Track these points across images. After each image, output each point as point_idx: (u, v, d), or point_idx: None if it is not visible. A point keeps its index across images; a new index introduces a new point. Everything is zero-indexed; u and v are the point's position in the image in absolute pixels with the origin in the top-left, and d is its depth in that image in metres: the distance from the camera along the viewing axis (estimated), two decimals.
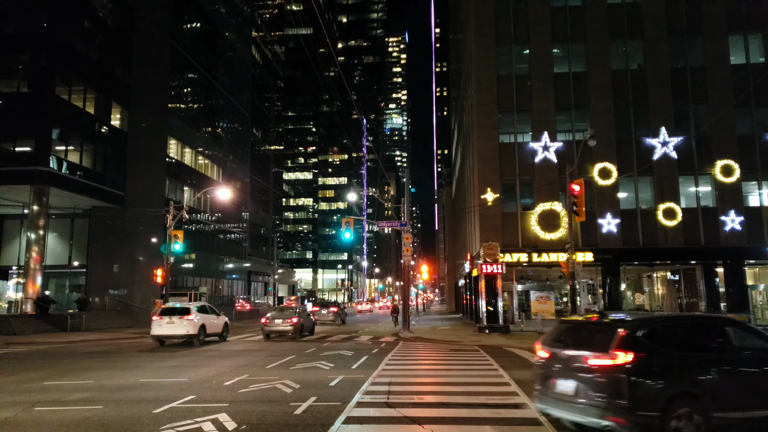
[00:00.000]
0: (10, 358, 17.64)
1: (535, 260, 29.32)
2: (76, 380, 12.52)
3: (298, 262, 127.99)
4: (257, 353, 18.43)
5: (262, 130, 71.88)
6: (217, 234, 52.56)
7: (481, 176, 30.90)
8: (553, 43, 31.54)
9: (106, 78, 37.75)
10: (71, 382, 12.31)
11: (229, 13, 56.76)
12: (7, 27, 33.25)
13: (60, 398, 10.34)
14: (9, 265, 37.34)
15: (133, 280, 38.55)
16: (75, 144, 34.85)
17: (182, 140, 45.18)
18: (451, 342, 23.01)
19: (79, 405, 9.71)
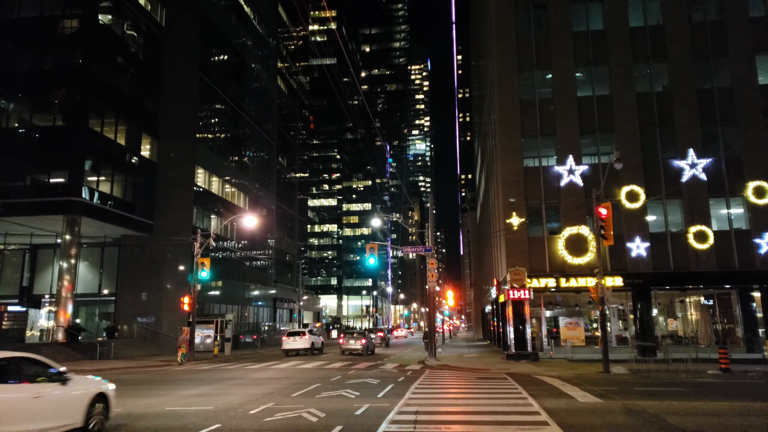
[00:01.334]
0: None
1: (563, 285, 28.81)
2: None
3: (323, 289, 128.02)
4: (282, 381, 18.35)
5: (287, 158, 72.91)
6: (243, 261, 53.03)
7: (506, 200, 30.70)
8: (576, 67, 31.51)
9: (136, 110, 38.91)
10: None
11: (256, 45, 58.25)
12: (45, 64, 34.68)
13: None
14: (42, 293, 38.15)
15: (161, 307, 38.98)
16: (106, 174, 35.80)
17: (209, 169, 46.05)
18: (478, 370, 22.59)
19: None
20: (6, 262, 39.28)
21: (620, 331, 30.10)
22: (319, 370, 22.51)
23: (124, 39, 38.00)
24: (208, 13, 46.06)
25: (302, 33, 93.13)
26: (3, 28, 34.41)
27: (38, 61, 34.68)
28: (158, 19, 41.60)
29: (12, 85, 34.07)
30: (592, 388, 16.01)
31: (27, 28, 34.36)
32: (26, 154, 33.26)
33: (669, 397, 14.17)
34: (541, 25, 32.42)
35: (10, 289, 38.63)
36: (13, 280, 38.93)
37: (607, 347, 21.87)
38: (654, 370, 21.18)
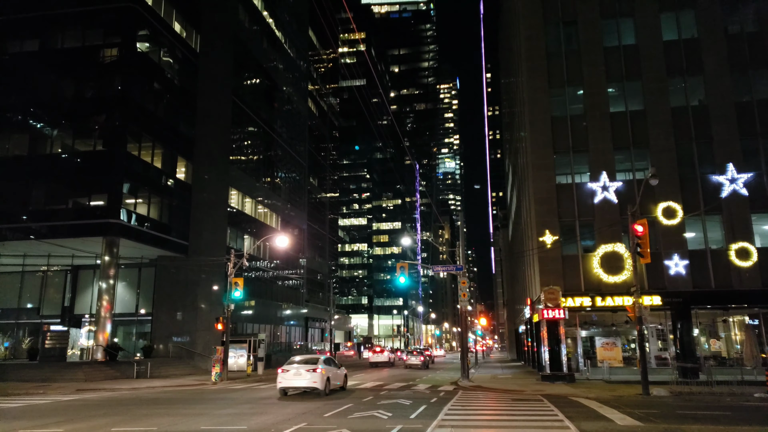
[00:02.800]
0: (82, 404, 18.27)
1: (599, 304, 28.16)
2: (141, 427, 12.80)
3: (354, 308, 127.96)
4: (315, 401, 18.33)
5: (318, 178, 73.72)
6: (275, 281, 53.51)
7: (539, 218, 30.34)
8: (608, 83, 31.18)
9: (172, 134, 40.02)
10: (137, 428, 12.59)
11: (287, 68, 59.47)
12: (87, 92, 36.08)
13: None
14: (82, 313, 39.16)
15: (195, 327, 39.53)
16: (143, 197, 36.80)
17: (242, 190, 46.87)
18: (512, 391, 22.16)
19: None
20: (49, 283, 40.54)
21: (659, 352, 29.16)
22: (351, 390, 22.40)
23: (161, 66, 39.29)
24: (241, 39, 47.32)
25: (332, 55, 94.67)
26: (49, 59, 36.00)
27: (80, 89, 36.10)
28: (193, 46, 42.92)
29: (56, 112, 35.51)
30: (632, 411, 15.52)
31: (70, 58, 35.85)
32: (68, 178, 34.51)
33: (714, 422, 13.63)
34: (572, 41, 32.28)
35: (53, 308, 39.79)
36: (55, 300, 40.10)
37: (647, 368, 21.21)
38: (697, 393, 20.42)
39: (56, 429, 12.72)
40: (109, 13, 35.67)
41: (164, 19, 39.01)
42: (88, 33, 36.15)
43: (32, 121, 36.12)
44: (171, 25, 40.04)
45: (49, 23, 36.37)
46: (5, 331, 39.53)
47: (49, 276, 40.49)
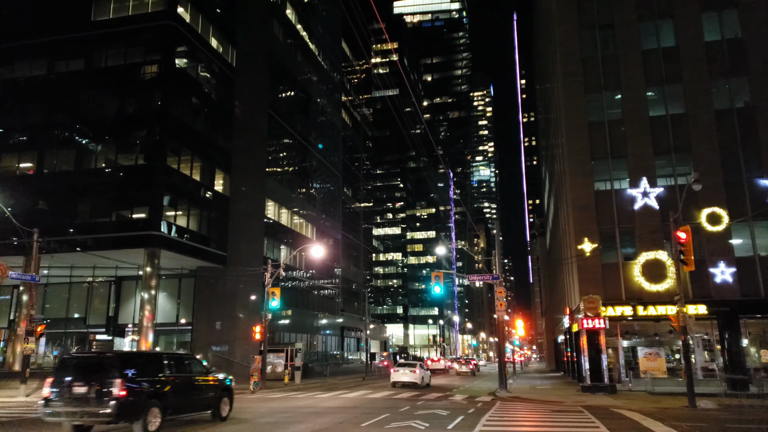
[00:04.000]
0: None
1: (641, 314, 27.37)
2: None
3: (389, 318, 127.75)
4: (351, 410, 18.34)
5: (352, 188, 74.21)
6: (311, 290, 53.95)
7: (577, 225, 29.77)
8: (647, 86, 30.48)
9: (210, 147, 40.97)
10: None
11: (321, 80, 60.26)
12: (128, 108, 37.32)
13: None
14: (126, 323, 40.27)
15: (234, 336, 40.13)
16: (183, 209, 37.73)
17: (279, 201, 47.55)
18: (552, 402, 21.70)
19: None
20: (94, 294, 41.89)
21: (706, 363, 28.10)
22: (388, 400, 22.33)
23: (198, 81, 40.35)
24: (276, 53, 48.22)
25: (365, 66, 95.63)
26: (93, 77, 37.42)
27: (122, 105, 37.33)
28: (229, 60, 43.95)
29: (100, 128, 36.81)
30: (678, 424, 14.98)
31: (113, 75, 37.18)
32: (112, 191, 35.67)
33: None
34: (608, 45, 31.72)
35: (98, 318, 41.08)
36: (100, 310, 41.39)
37: (692, 380, 20.46)
38: (747, 406, 19.56)
39: None
40: (149, 32, 36.90)
41: (201, 36, 40.11)
42: (130, 51, 37.45)
43: (78, 137, 37.53)
44: (208, 41, 41.12)
45: (94, 43, 37.84)
46: (54, 341, 40.98)
47: (94, 287, 41.84)
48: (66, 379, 12.31)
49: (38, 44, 38.41)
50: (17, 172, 37.80)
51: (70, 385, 12.17)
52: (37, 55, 38.61)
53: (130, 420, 12.24)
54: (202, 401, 14.84)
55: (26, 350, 25.68)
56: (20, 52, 38.78)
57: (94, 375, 12.24)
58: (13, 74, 39.16)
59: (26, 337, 25.68)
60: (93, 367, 12.70)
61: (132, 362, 13.15)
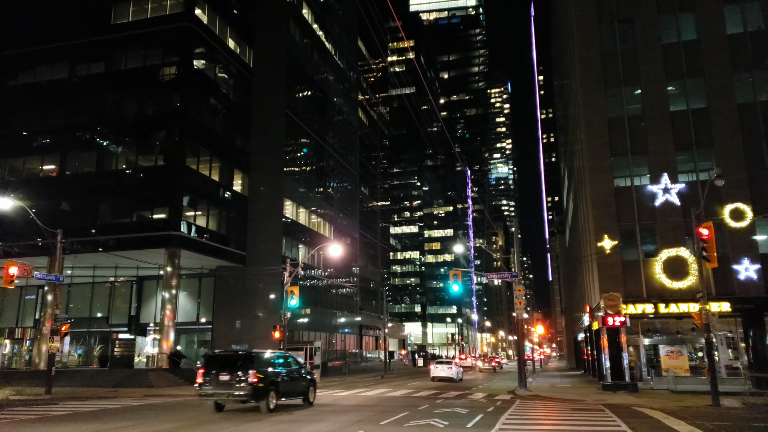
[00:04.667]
0: (149, 409, 19.03)
1: (663, 311, 26.99)
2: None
3: (407, 316, 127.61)
4: (370, 408, 18.39)
5: (369, 187, 74.29)
6: (329, 289, 54.17)
7: (597, 223, 29.46)
8: (667, 81, 30.02)
9: (228, 147, 41.34)
10: None
11: (337, 80, 60.41)
12: (148, 110, 37.82)
13: None
14: (147, 322, 40.84)
15: (254, 335, 40.46)
16: (202, 209, 38.13)
17: (296, 201, 47.81)
18: (572, 401, 21.52)
19: None
20: (116, 293, 42.56)
21: (730, 361, 27.62)
22: (407, 398, 22.35)
23: (216, 82, 40.72)
24: (293, 53, 48.44)
25: (381, 65, 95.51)
26: (113, 79, 37.99)
27: (142, 106, 37.85)
28: (246, 61, 44.29)
29: (120, 130, 37.38)
30: (701, 423, 14.76)
31: (132, 77, 37.71)
32: (132, 192, 36.21)
33: None
34: (627, 39, 31.29)
35: (121, 318, 41.71)
36: (122, 309, 42.04)
37: (716, 378, 20.14)
38: None
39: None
40: (167, 33, 37.34)
41: (219, 37, 40.47)
42: (149, 53, 37.94)
43: (99, 139, 38.15)
44: (225, 42, 41.48)
45: (114, 46, 38.40)
46: (78, 340, 41.74)
47: (116, 287, 42.50)
48: (213, 371, 16.91)
49: (60, 48, 39.12)
50: (41, 174, 38.56)
51: (217, 374, 16.78)
52: (59, 58, 39.31)
53: (257, 400, 16.80)
54: (299, 389, 19.39)
55: (51, 349, 26.20)
56: (43, 57, 39.53)
57: (234, 367, 16.72)
58: (35, 78, 39.95)
59: (51, 336, 26.21)
60: (233, 362, 17.20)
61: (258, 359, 17.53)
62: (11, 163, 39.13)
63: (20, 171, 38.92)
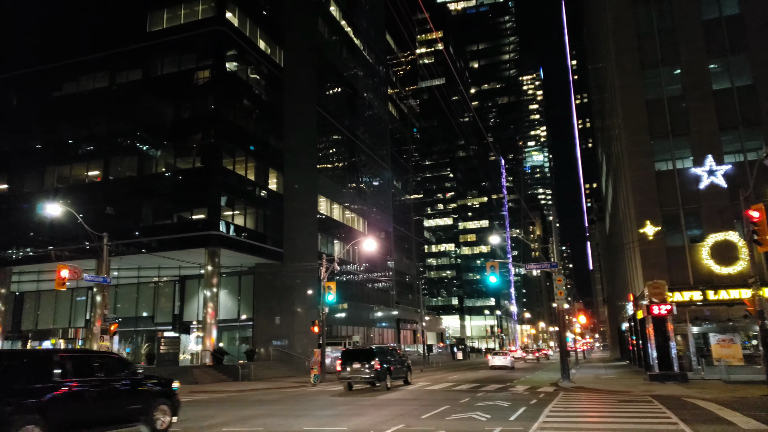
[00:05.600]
0: (195, 405, 19.47)
1: (711, 298, 26.07)
2: (249, 427, 13.42)
3: (444, 309, 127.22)
4: (411, 402, 18.37)
5: (401, 180, 74.18)
6: (365, 283, 54.41)
7: (638, 208, 28.63)
8: (709, 59, 28.86)
9: (262, 147, 41.85)
10: (245, 428, 13.22)
11: (367, 75, 60.40)
12: (184, 113, 38.62)
13: None
14: (190, 320, 41.85)
15: (293, 330, 41.01)
16: (240, 208, 38.76)
17: (330, 197, 48.11)
18: (618, 392, 21.02)
19: None
20: (160, 293, 43.75)
21: None
22: (447, 392, 22.25)
23: (249, 83, 41.23)
24: (322, 50, 48.64)
25: (410, 57, 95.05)
26: (150, 85, 38.90)
27: (178, 110, 38.67)
28: (277, 61, 44.68)
29: (159, 134, 38.30)
30: (757, 414, 14.19)
31: (168, 82, 38.55)
32: (172, 194, 37.07)
33: None
34: (665, 18, 30.19)
35: (165, 316, 42.89)
36: (166, 308, 43.19)
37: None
38: None
39: (174, 428, 13.63)
40: (200, 38, 37.99)
41: (250, 38, 40.94)
42: (184, 58, 38.68)
43: (139, 144, 39.16)
44: (256, 43, 41.94)
45: (150, 53, 39.29)
46: (126, 338, 43.09)
47: (160, 286, 43.67)
48: (348, 361, 24.04)
49: (100, 58, 40.30)
50: (86, 180, 39.87)
51: (351, 363, 23.92)
52: (99, 68, 40.49)
53: (380, 380, 23.83)
54: (403, 373, 26.51)
55: (102, 348, 27.10)
56: (85, 67, 40.79)
57: (362, 358, 23.86)
58: (78, 88, 41.27)
59: (101, 336, 27.11)
60: (361, 354, 24.27)
61: (378, 352, 24.41)
62: (59, 171, 40.58)
63: (68, 178, 40.32)
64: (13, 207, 40.46)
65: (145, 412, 11.87)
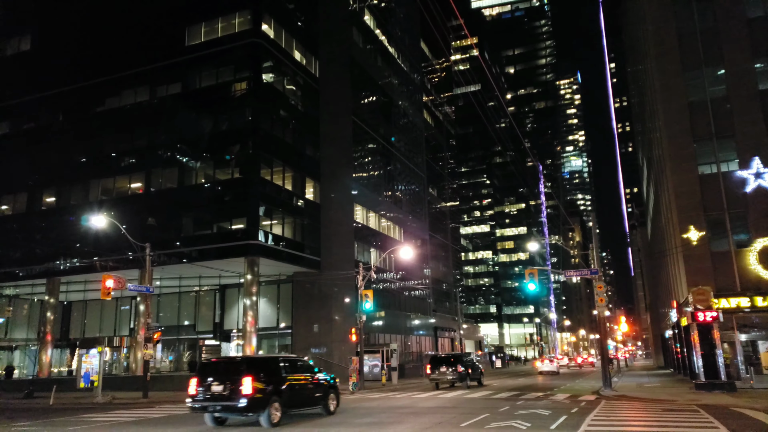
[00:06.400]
0: None
1: (761, 305, 25.12)
2: None
3: (482, 317, 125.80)
4: (450, 410, 18.29)
5: (437, 188, 74.02)
6: (402, 291, 54.39)
7: (681, 213, 27.86)
8: (754, 58, 27.96)
9: (299, 157, 42.50)
10: None
11: (401, 83, 60.68)
12: (222, 125, 39.56)
13: None
14: (231, 328, 42.65)
15: (331, 338, 41.30)
16: (278, 218, 39.39)
17: (366, 206, 48.40)
18: (662, 401, 20.43)
19: None
20: (201, 302, 44.78)
21: None
22: (486, 400, 22.04)
23: (285, 94, 41.98)
24: (357, 60, 49.14)
25: (445, 64, 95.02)
26: (189, 98, 40.02)
27: (217, 122, 39.62)
28: (312, 71, 45.38)
29: (198, 146, 39.32)
30: None
31: (206, 95, 39.58)
32: (212, 205, 37.95)
33: None
34: (707, 17, 29.41)
35: (206, 325, 43.85)
36: (207, 317, 44.16)
37: None
38: None
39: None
40: (237, 50, 38.91)
41: (285, 50, 41.72)
42: (221, 71, 39.68)
43: (179, 156, 40.27)
44: (292, 54, 42.70)
45: (189, 66, 40.43)
46: (169, 346, 44.23)
47: (201, 295, 44.70)
48: (436, 365, 30.47)
49: (141, 73, 41.66)
50: (129, 192, 41.23)
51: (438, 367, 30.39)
52: (140, 83, 41.86)
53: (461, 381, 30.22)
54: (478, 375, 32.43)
55: (146, 356, 27.92)
56: (126, 82, 42.23)
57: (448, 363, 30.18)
58: (120, 103, 42.74)
59: (145, 344, 27.93)
60: (447, 360, 30.60)
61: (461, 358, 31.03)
62: (103, 183, 42.07)
63: (111, 190, 41.77)
64: (60, 219, 42.12)
65: (323, 399, 17.46)
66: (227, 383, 14.44)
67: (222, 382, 14.54)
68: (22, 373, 45.59)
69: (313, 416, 17.18)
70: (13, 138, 46.42)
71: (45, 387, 31.52)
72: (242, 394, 14.17)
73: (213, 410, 14.75)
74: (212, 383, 14.66)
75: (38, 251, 41.93)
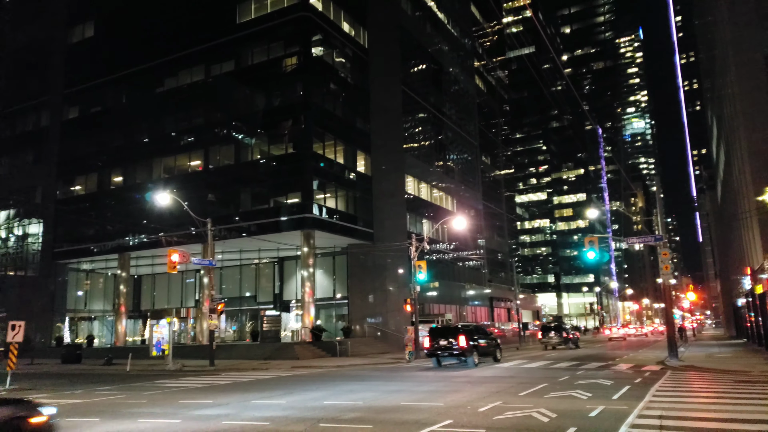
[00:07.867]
0: (297, 379, 20.49)
1: None
2: (348, 401, 13.90)
3: (540, 287, 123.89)
4: (508, 380, 18.16)
5: (490, 156, 72.56)
6: (456, 262, 54.13)
7: (755, 174, 26.17)
8: None
9: (350, 130, 42.52)
10: (345, 402, 13.71)
11: (452, 49, 59.27)
12: (274, 102, 40.01)
13: (338, 416, 11.57)
14: (290, 299, 43.87)
15: (386, 309, 41.77)
16: (331, 191, 39.78)
17: (417, 176, 48.09)
18: (734, 372, 19.52)
19: (353, 424, 10.74)
20: (261, 274, 46.16)
21: None
22: (545, 370, 21.77)
23: (335, 67, 41.86)
24: (406, 28, 48.27)
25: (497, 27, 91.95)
26: (242, 75, 40.62)
27: (269, 98, 40.12)
28: (361, 42, 44.96)
29: (253, 123, 40.00)
30: None
31: (259, 71, 40.03)
32: (268, 180, 38.74)
33: None
34: None
35: (266, 296, 45.25)
36: (267, 288, 45.54)
37: None
38: None
39: (279, 400, 14.44)
40: (287, 25, 38.99)
41: (334, 22, 41.45)
42: (272, 46, 39.94)
43: (235, 133, 41.14)
44: (340, 26, 42.40)
45: (241, 44, 40.94)
46: (232, 317, 46.01)
47: (260, 267, 46.05)
48: (545, 331, 41.97)
49: (195, 53, 42.56)
50: (189, 170, 42.62)
51: (548, 332, 41.64)
52: (195, 62, 42.81)
53: (566, 344, 40.63)
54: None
55: (211, 326, 29.14)
56: (182, 63, 43.29)
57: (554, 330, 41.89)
58: (178, 83, 43.91)
59: (210, 315, 29.13)
60: (553, 327, 42.47)
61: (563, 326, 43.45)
62: (165, 162, 43.67)
63: (172, 168, 43.31)
64: (127, 197, 44.19)
65: (493, 352, 26.82)
66: (450, 340, 23.75)
67: (446, 339, 23.90)
68: (101, 341, 48.74)
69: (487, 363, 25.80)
70: (83, 121, 48.76)
71: (121, 354, 33.59)
72: (459, 345, 23.53)
73: (441, 355, 24.31)
74: (440, 339, 24.10)
75: (109, 228, 44.25)
